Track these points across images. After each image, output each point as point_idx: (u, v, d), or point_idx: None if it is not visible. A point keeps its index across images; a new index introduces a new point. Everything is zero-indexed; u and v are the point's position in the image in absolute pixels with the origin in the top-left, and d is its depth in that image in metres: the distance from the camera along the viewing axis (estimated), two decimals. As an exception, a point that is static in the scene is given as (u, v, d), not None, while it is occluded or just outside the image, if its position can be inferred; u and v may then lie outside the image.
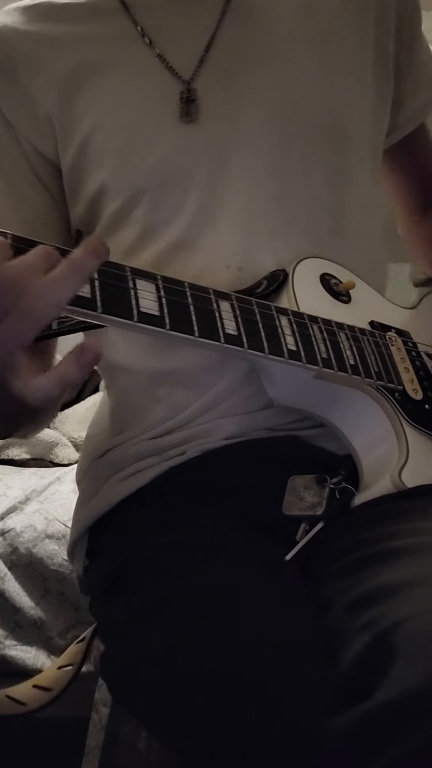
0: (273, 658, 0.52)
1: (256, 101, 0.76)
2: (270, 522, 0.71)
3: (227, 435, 0.76)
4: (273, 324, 0.65)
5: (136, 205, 0.76)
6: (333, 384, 0.70)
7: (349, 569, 0.59)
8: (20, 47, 0.78)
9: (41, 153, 0.79)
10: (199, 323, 0.59)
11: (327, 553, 0.64)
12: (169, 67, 0.76)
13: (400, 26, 0.85)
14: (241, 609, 0.59)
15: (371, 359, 0.72)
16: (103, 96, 0.76)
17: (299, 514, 0.70)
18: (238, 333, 0.62)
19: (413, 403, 0.73)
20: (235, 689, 0.52)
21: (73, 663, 0.93)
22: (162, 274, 0.60)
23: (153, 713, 0.62)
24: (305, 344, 0.66)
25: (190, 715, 0.56)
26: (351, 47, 0.81)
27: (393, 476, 0.66)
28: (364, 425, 0.71)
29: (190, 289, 0.61)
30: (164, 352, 0.77)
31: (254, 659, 0.53)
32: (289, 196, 0.77)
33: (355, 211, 0.81)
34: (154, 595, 0.65)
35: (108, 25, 0.79)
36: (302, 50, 0.78)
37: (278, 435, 0.76)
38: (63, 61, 0.77)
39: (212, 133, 0.75)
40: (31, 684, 0.95)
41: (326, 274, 0.77)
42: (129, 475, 0.77)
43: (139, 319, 0.56)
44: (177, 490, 0.75)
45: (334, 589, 0.58)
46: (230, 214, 0.75)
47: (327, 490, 0.70)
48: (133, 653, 0.64)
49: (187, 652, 0.58)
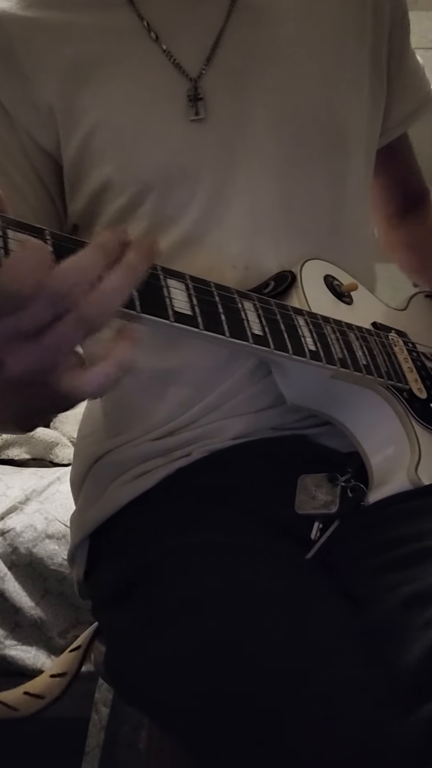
0: (315, 660, 0.52)
1: (263, 102, 0.77)
2: (282, 521, 0.71)
3: (234, 435, 0.76)
4: (293, 324, 0.66)
5: (143, 202, 0.76)
6: (345, 384, 0.71)
7: (391, 566, 0.59)
8: (20, 34, 0.76)
9: (40, 145, 0.77)
10: (228, 323, 0.59)
11: (350, 551, 0.65)
12: (176, 63, 0.76)
13: (392, 33, 0.87)
14: (275, 609, 0.59)
15: (380, 359, 0.73)
16: (109, 89, 0.75)
17: (313, 513, 0.70)
18: (264, 333, 0.62)
19: (420, 402, 0.75)
20: (280, 695, 0.52)
21: (67, 672, 0.92)
22: (189, 274, 0.59)
23: (185, 721, 0.61)
24: (323, 344, 0.67)
25: (233, 725, 0.54)
26: (350, 51, 0.82)
27: (410, 473, 0.67)
28: (374, 424, 0.73)
29: (216, 289, 0.61)
30: (166, 352, 0.76)
31: (296, 661, 0.53)
32: (292, 197, 0.78)
33: (352, 212, 0.83)
34: (179, 597, 0.64)
35: (113, 17, 0.77)
36: (305, 52, 0.79)
37: (284, 434, 0.77)
38: (65, 51, 0.75)
39: (220, 133, 0.76)
40: (21, 690, 0.93)
41: (329, 275, 0.78)
42: (134, 477, 0.76)
43: (175, 319, 0.55)
44: (185, 492, 0.74)
45: (376, 586, 0.58)
46: (236, 214, 0.76)
47: (339, 488, 0.70)
48: (157, 656, 0.63)
49: (223, 655, 0.57)
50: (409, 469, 0.67)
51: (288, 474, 0.73)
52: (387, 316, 0.85)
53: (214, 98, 0.75)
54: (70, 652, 0.93)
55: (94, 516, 0.77)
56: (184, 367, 0.77)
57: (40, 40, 0.75)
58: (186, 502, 0.74)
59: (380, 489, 0.69)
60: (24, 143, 0.77)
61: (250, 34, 0.78)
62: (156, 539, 0.71)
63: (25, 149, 0.77)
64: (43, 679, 0.94)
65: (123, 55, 0.76)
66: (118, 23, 0.77)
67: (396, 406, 0.72)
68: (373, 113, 0.86)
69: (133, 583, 0.70)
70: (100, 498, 0.78)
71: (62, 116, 0.75)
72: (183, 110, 0.75)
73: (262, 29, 0.79)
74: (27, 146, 0.77)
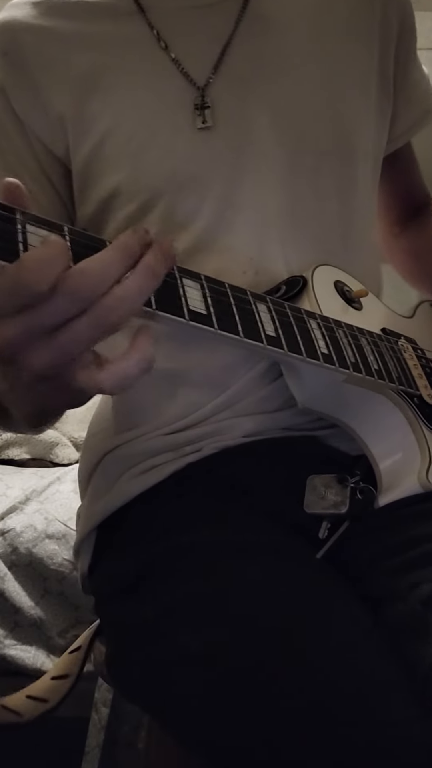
0: (339, 658, 0.52)
1: (270, 111, 0.77)
2: (291, 520, 0.72)
3: (245, 433, 0.76)
4: (306, 327, 0.66)
5: (152, 209, 0.76)
6: (356, 388, 0.71)
7: (409, 566, 0.60)
8: (32, 42, 0.77)
9: (51, 151, 0.78)
10: (242, 324, 0.60)
11: (365, 552, 0.65)
12: (184, 72, 0.77)
13: (399, 44, 0.87)
14: (291, 606, 0.59)
15: (391, 364, 0.74)
16: (118, 98, 0.76)
17: (322, 513, 0.71)
18: (277, 335, 0.62)
19: (430, 408, 0.75)
20: (293, 695, 0.51)
21: (68, 674, 0.91)
22: (204, 274, 0.60)
23: (187, 718, 0.61)
24: (335, 348, 0.67)
25: (247, 724, 0.54)
26: (358, 61, 0.83)
27: (420, 477, 0.67)
28: (384, 429, 0.73)
29: (230, 290, 0.61)
30: (178, 353, 0.77)
31: (318, 659, 0.53)
32: (300, 204, 0.78)
33: (360, 220, 0.84)
34: (184, 593, 0.64)
35: (123, 26, 0.78)
36: (312, 61, 0.80)
37: (295, 434, 0.77)
38: (76, 60, 0.76)
39: (227, 140, 0.76)
40: (24, 694, 0.92)
41: (339, 281, 0.79)
42: (144, 471, 0.77)
43: (190, 318, 0.55)
44: (194, 487, 0.75)
45: (395, 585, 0.59)
46: (245, 220, 0.76)
47: (348, 489, 0.71)
48: (165, 654, 0.63)
49: (235, 651, 0.57)
50: (420, 474, 0.67)
51: (297, 474, 0.74)
52: (395, 322, 0.85)
53: (222, 106, 0.76)
54: (71, 653, 0.93)
55: (102, 508, 0.78)
56: (194, 368, 0.77)
57: (52, 49, 0.76)
58: (195, 498, 0.74)
59: (390, 492, 0.69)
60: (35, 149, 0.78)
61: (259, 43, 0.79)
62: (163, 534, 0.72)
63: (37, 155, 0.78)
64: (45, 682, 0.93)
65: (133, 63, 0.77)
66: (128, 32, 0.78)
67: (407, 411, 0.72)
68: (379, 122, 0.87)
69: (139, 577, 0.71)
70: (109, 491, 0.78)
71: (72, 124, 0.76)
72: (190, 118, 0.76)
73: (271, 38, 0.80)
74: (38, 152, 0.78)
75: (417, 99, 0.93)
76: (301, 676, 0.53)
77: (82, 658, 0.91)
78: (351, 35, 0.83)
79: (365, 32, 0.85)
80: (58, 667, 0.93)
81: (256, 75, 0.78)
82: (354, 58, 0.83)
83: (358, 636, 0.55)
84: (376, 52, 0.85)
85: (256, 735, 0.54)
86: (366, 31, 0.85)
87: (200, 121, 0.76)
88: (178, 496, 0.74)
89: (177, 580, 0.67)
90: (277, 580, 0.62)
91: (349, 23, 0.84)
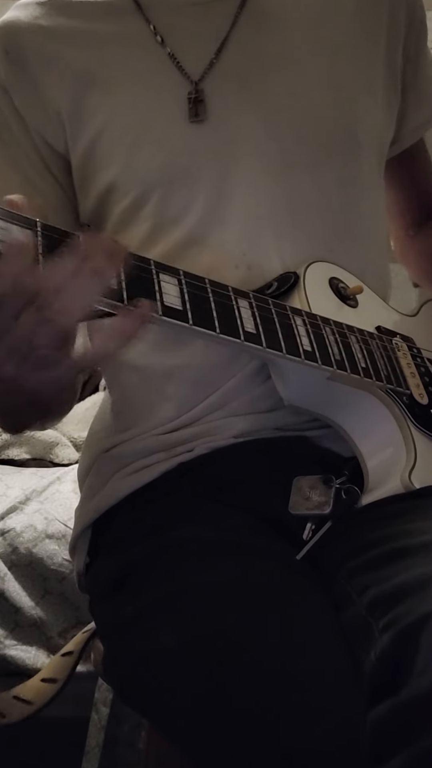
0: (301, 654, 0.53)
1: (266, 105, 0.77)
2: (277, 521, 0.71)
3: (236, 433, 0.76)
4: (289, 324, 0.65)
5: (146, 203, 0.77)
6: (343, 386, 0.70)
7: (364, 568, 0.60)
8: (32, 41, 0.78)
9: (52, 147, 0.79)
10: (220, 320, 0.59)
11: (336, 553, 0.65)
12: (180, 66, 0.77)
13: (408, 39, 0.86)
14: (264, 605, 0.59)
15: (381, 363, 0.72)
16: (115, 93, 0.77)
17: (306, 513, 0.70)
18: (257, 331, 0.62)
19: (420, 408, 0.73)
20: (264, 691, 0.52)
21: (57, 678, 0.91)
22: (183, 269, 0.59)
23: (171, 713, 0.61)
24: (319, 345, 0.66)
25: (217, 715, 0.55)
26: (362, 56, 0.82)
27: (403, 478, 0.66)
28: (371, 428, 0.72)
29: (210, 285, 0.61)
30: (171, 350, 0.77)
31: (282, 655, 0.53)
32: (296, 198, 0.77)
33: (364, 216, 0.82)
34: (167, 591, 0.65)
35: (122, 24, 0.79)
36: (314, 57, 0.79)
37: (287, 435, 0.76)
38: (75, 58, 0.77)
39: (219, 135, 0.76)
40: (11, 695, 0.92)
41: (334, 278, 0.78)
42: (136, 470, 0.77)
43: (163, 313, 0.55)
44: (185, 487, 0.75)
45: (349, 588, 0.59)
46: (238, 214, 0.76)
47: (333, 490, 0.70)
48: (146, 651, 0.63)
49: (209, 648, 0.57)
50: (402, 474, 0.66)
51: (287, 474, 0.73)
52: (394, 320, 0.84)
53: (215, 100, 0.76)
54: (63, 656, 0.92)
55: (94, 506, 0.78)
56: (187, 365, 0.77)
57: (51, 47, 0.78)
58: (184, 497, 0.74)
59: (374, 492, 0.69)
60: (37, 144, 0.79)
61: (257, 39, 0.79)
62: (151, 532, 0.72)
63: (39, 150, 0.79)
64: (34, 684, 0.93)
65: (129, 59, 0.78)
66: (126, 29, 0.79)
67: (394, 410, 0.71)
68: (385, 118, 0.86)
69: (124, 576, 0.71)
70: (101, 489, 0.79)
71: (70, 120, 0.77)
72: (184, 112, 0.76)
73: (270, 34, 0.79)
74: (40, 147, 0.79)
75: (429, 97, 0.92)
76: (258, 673, 0.54)
77: (73, 663, 0.90)
78: (356, 30, 0.83)
79: (372, 25, 0.84)
80: (49, 670, 0.92)
81: (253, 70, 0.78)
82: (358, 49, 0.82)
83: (322, 635, 0.55)
84: (383, 45, 0.84)
85: (218, 733, 0.55)
86: (373, 24, 0.84)
87: (192, 114, 0.76)
88: (166, 495, 0.74)
89: (158, 577, 0.67)
90: (251, 580, 0.61)
91: (354, 19, 0.83)
